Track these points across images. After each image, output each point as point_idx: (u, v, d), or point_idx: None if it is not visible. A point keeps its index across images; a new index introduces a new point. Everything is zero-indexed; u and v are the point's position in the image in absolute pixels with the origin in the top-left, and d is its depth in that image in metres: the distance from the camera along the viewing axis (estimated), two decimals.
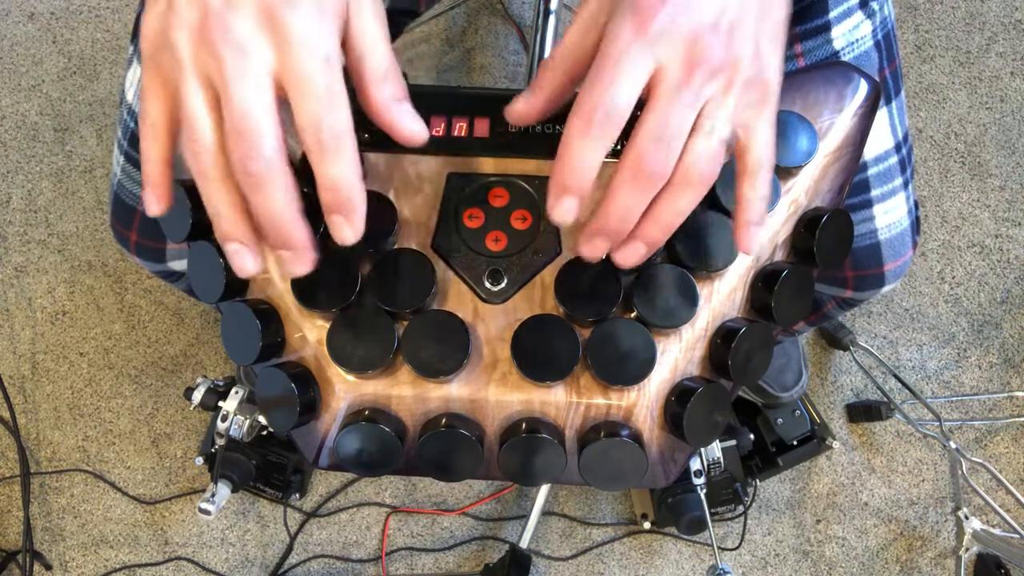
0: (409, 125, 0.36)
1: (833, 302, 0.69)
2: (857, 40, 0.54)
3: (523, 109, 0.38)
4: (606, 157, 0.34)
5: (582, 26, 0.35)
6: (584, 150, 0.33)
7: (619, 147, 0.37)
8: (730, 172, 0.39)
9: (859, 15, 0.54)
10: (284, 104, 0.33)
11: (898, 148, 0.57)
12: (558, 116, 0.44)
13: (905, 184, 0.57)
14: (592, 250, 0.37)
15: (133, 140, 0.58)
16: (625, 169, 0.34)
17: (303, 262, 0.35)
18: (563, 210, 0.35)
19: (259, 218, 0.34)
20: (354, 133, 0.33)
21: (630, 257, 0.37)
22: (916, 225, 0.60)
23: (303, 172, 0.35)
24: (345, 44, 0.34)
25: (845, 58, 0.54)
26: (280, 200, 0.33)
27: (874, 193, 0.56)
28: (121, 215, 0.60)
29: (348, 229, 0.34)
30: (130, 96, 0.58)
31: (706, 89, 0.33)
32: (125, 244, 0.62)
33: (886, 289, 0.61)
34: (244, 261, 0.35)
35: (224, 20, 0.31)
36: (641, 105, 0.34)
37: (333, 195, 0.33)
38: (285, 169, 0.32)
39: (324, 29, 0.32)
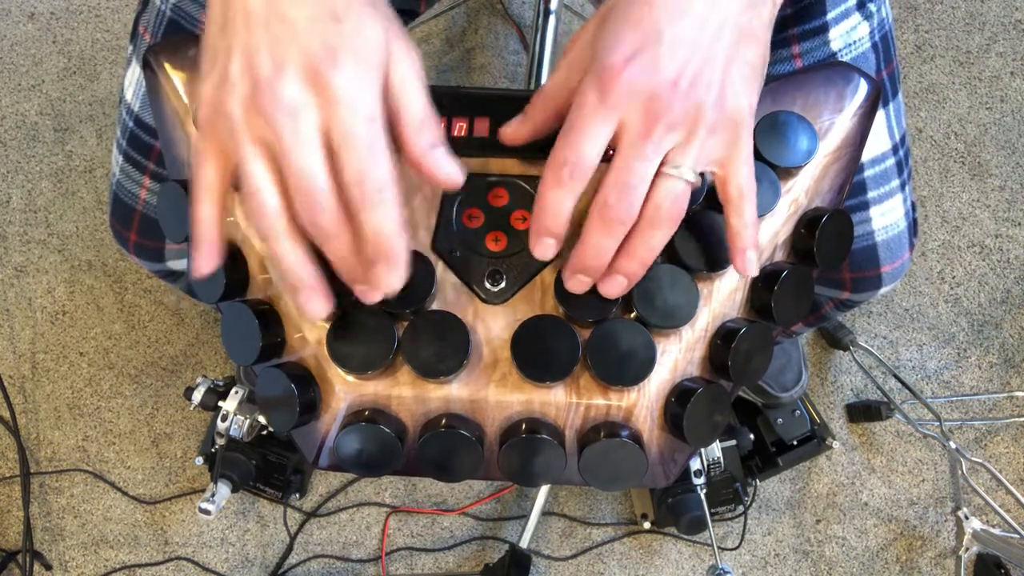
0: (447, 170, 0.38)
1: (831, 303, 0.69)
2: (855, 41, 0.54)
3: (514, 133, 0.43)
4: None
5: (567, 65, 0.39)
6: (557, 199, 0.38)
7: (611, 152, 0.38)
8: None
9: (857, 16, 0.54)
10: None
11: (895, 150, 0.57)
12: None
13: (902, 186, 0.57)
14: (576, 285, 0.40)
15: (132, 140, 0.58)
16: (594, 215, 0.38)
17: (375, 292, 0.37)
18: (543, 248, 0.39)
19: (335, 264, 0.36)
20: (396, 185, 0.35)
21: (612, 289, 0.40)
22: (913, 227, 0.60)
23: None
24: (385, 92, 0.36)
25: (842, 60, 0.54)
26: (348, 245, 0.35)
27: (871, 195, 0.56)
28: (120, 215, 0.60)
29: (394, 276, 0.36)
30: (129, 96, 0.58)
31: (667, 140, 0.36)
32: (124, 244, 0.62)
33: (884, 290, 0.61)
34: (316, 306, 0.37)
35: (274, 87, 0.33)
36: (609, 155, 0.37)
37: (377, 245, 0.35)
38: (346, 217, 0.35)
39: (367, 87, 0.34)
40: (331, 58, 0.33)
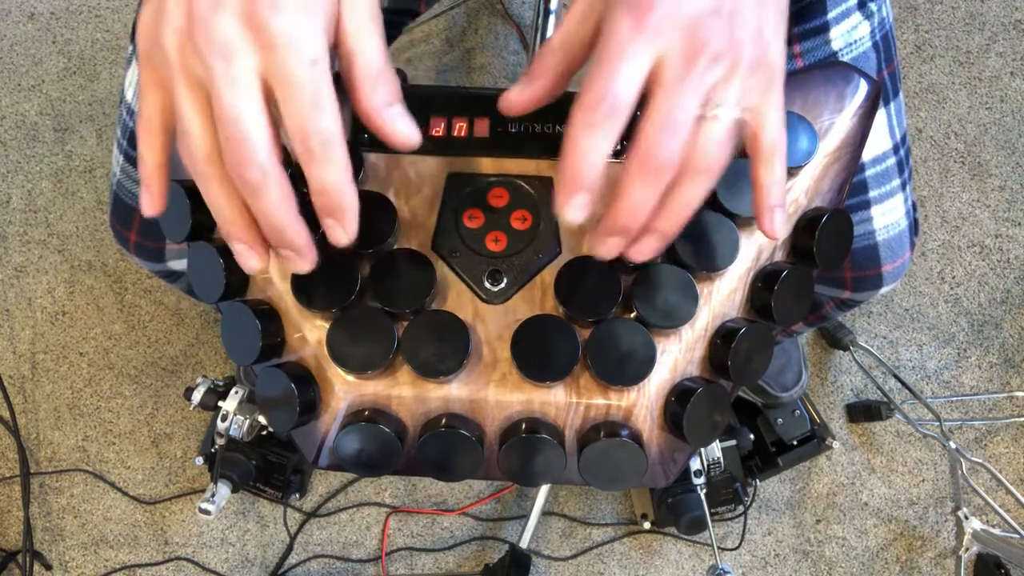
0: (401, 129, 0.35)
1: (832, 303, 0.69)
2: (855, 41, 0.54)
3: (518, 98, 0.37)
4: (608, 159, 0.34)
5: (579, 14, 0.35)
6: (590, 143, 0.33)
7: (622, 145, 0.37)
8: (730, 172, 0.38)
9: (857, 16, 0.54)
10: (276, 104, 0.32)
11: (896, 149, 0.57)
12: (559, 116, 0.45)
13: (903, 185, 0.57)
14: (607, 249, 0.36)
15: (132, 140, 0.58)
16: (634, 163, 0.33)
17: (305, 261, 0.35)
18: (574, 208, 0.34)
19: (259, 220, 0.34)
20: (343, 136, 0.32)
21: (645, 251, 0.36)
22: (914, 226, 0.60)
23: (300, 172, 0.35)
24: (336, 43, 0.33)
25: (843, 59, 0.54)
26: (276, 203, 0.32)
27: (872, 194, 0.56)
28: (121, 215, 0.60)
29: (341, 231, 0.34)
30: (129, 95, 0.58)
31: (709, 75, 0.32)
32: (125, 244, 0.62)
33: (884, 290, 0.61)
34: (249, 260, 0.35)
35: (208, 23, 0.31)
36: (642, 103, 0.33)
37: (324, 199, 0.33)
38: (279, 172, 0.32)
39: (310, 30, 0.31)
40: None
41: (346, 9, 0.33)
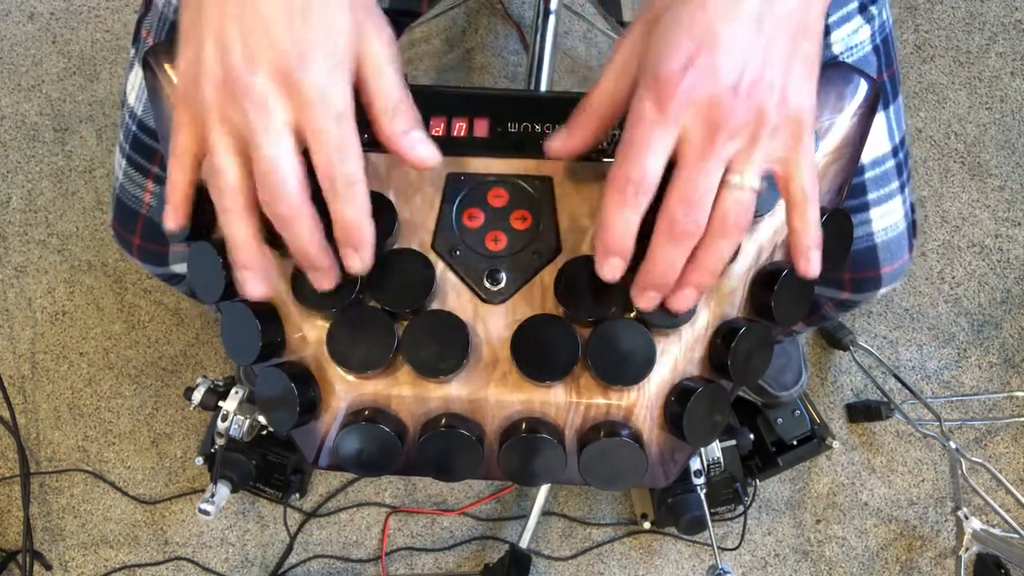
0: (420, 153, 0.39)
1: (831, 303, 0.69)
2: (856, 45, 0.54)
3: (561, 148, 0.41)
4: (592, 155, 0.38)
5: (615, 73, 0.38)
6: (623, 219, 0.37)
7: (616, 133, 0.37)
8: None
9: (858, 20, 0.54)
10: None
11: (895, 152, 0.57)
12: (558, 117, 0.45)
13: (902, 188, 0.57)
14: (647, 303, 0.39)
15: (135, 144, 0.58)
16: (661, 230, 0.37)
17: (328, 280, 0.39)
18: (611, 270, 0.38)
19: (290, 247, 0.38)
20: (365, 179, 0.37)
21: (683, 303, 0.39)
22: (913, 228, 0.60)
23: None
24: (358, 82, 0.37)
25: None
26: (305, 234, 0.37)
27: (871, 196, 0.56)
28: (124, 219, 0.60)
29: (358, 261, 0.38)
30: (131, 99, 0.58)
31: (729, 147, 0.35)
32: (127, 248, 0.62)
33: (883, 291, 0.61)
34: (255, 287, 0.38)
35: (246, 81, 0.34)
36: (671, 166, 0.36)
37: (346, 233, 0.37)
38: (309, 207, 0.36)
39: (336, 87, 0.35)
40: (300, 58, 0.34)
41: (365, 54, 0.37)
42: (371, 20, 0.37)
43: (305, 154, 0.36)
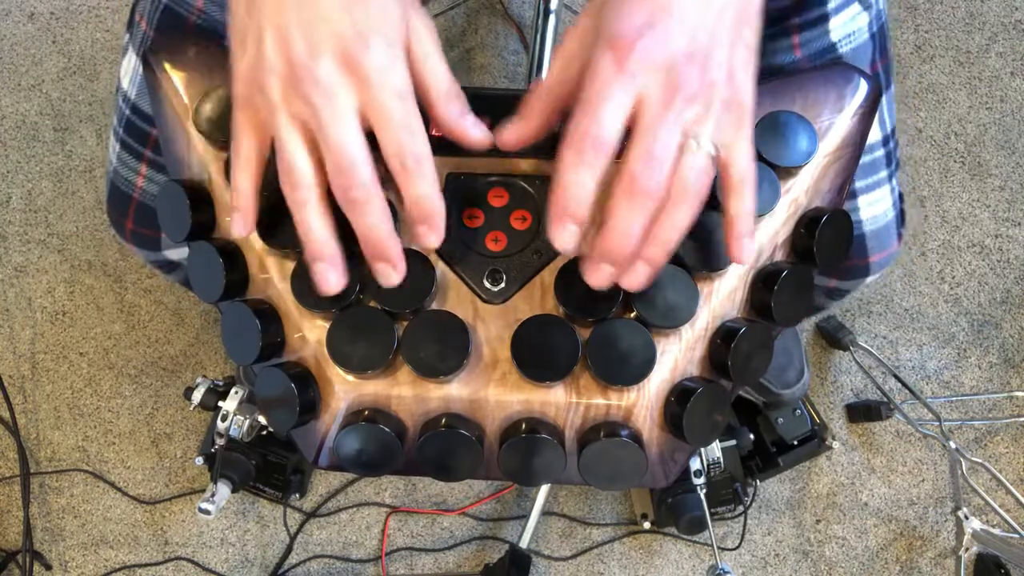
0: (476, 134, 0.40)
1: (820, 292, 0.69)
2: (854, 32, 0.54)
3: (513, 136, 0.41)
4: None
5: (565, 58, 0.38)
6: (578, 178, 0.36)
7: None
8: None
9: (857, 6, 0.54)
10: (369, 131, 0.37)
11: (886, 141, 0.57)
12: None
13: (890, 177, 0.58)
14: (599, 278, 0.38)
15: (129, 127, 0.58)
16: (621, 191, 0.36)
17: (397, 274, 0.39)
18: (565, 235, 0.37)
19: (360, 235, 0.38)
20: (431, 155, 0.37)
21: (636, 279, 0.38)
22: (901, 217, 0.60)
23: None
24: (410, 67, 0.38)
25: (842, 50, 0.54)
26: (378, 217, 0.37)
27: (858, 184, 0.57)
28: (117, 202, 0.60)
29: (433, 236, 0.39)
30: (126, 84, 0.58)
31: (687, 112, 0.35)
32: (121, 232, 0.61)
33: (871, 279, 0.61)
34: (330, 278, 0.39)
35: (311, 70, 0.35)
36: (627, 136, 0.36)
37: (419, 208, 0.38)
38: (380, 191, 0.37)
39: (397, 67, 0.36)
40: (362, 41, 0.35)
41: (413, 38, 0.38)
42: (415, 8, 0.38)
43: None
